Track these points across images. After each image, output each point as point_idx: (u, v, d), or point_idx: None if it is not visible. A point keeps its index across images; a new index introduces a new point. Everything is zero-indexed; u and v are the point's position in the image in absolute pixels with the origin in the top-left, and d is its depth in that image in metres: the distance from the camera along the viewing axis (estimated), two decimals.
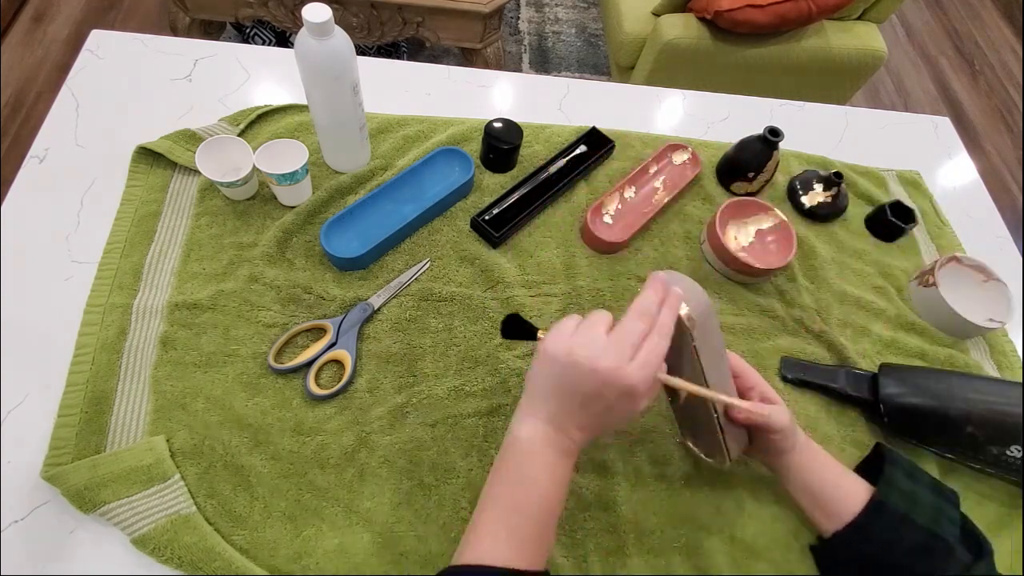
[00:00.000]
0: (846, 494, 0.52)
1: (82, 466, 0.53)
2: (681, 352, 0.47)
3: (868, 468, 0.55)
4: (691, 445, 0.59)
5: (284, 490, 0.56)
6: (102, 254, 0.66)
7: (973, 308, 0.73)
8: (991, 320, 0.73)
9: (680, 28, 1.54)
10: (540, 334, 0.48)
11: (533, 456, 0.43)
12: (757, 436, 0.54)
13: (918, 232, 0.86)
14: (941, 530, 0.49)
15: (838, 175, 0.80)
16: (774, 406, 0.52)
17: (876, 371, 0.67)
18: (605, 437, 0.44)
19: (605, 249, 0.74)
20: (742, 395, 0.54)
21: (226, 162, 0.69)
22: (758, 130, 0.80)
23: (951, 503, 0.52)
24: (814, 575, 0.57)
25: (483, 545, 0.42)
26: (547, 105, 0.90)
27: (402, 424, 0.61)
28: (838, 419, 0.67)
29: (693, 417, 0.56)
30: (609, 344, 0.42)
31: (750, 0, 1.43)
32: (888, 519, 0.49)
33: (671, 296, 0.44)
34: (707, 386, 0.48)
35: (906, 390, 0.63)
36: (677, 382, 0.45)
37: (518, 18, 2.27)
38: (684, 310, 0.44)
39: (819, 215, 0.82)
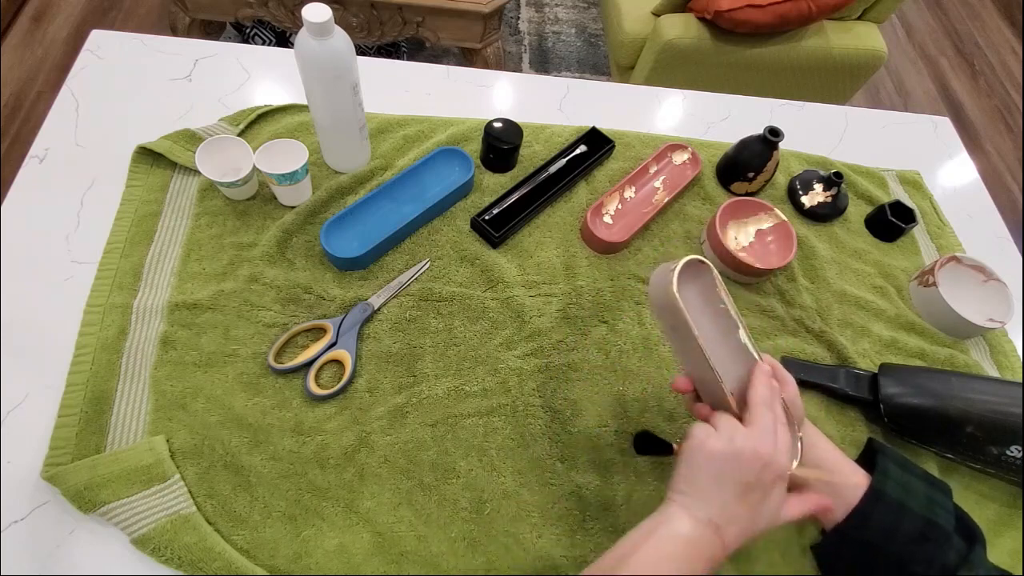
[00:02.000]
0: (849, 474, 0.52)
1: (82, 466, 0.53)
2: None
3: (862, 465, 0.55)
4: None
5: (284, 490, 0.56)
6: (102, 254, 0.66)
7: (973, 308, 0.73)
8: (991, 320, 0.73)
9: (680, 28, 1.54)
10: (676, 447, 0.50)
11: (688, 555, 0.43)
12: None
13: (918, 232, 0.86)
14: (938, 518, 0.49)
15: (838, 175, 0.80)
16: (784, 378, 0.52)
17: (876, 371, 0.67)
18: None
19: (605, 249, 0.74)
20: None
21: (226, 162, 0.69)
22: (758, 130, 0.80)
23: (944, 493, 0.53)
24: (814, 575, 0.57)
25: None
26: (547, 105, 0.90)
27: (402, 424, 0.61)
28: (838, 419, 0.67)
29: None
30: (757, 431, 0.45)
31: (750, 0, 1.43)
32: (886, 507, 0.50)
33: (786, 384, 0.50)
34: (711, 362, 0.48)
35: (906, 390, 0.63)
36: (805, 472, 0.49)
37: (518, 18, 2.27)
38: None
39: (819, 215, 0.82)
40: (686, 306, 0.46)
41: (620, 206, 0.79)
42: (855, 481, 0.51)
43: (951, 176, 0.95)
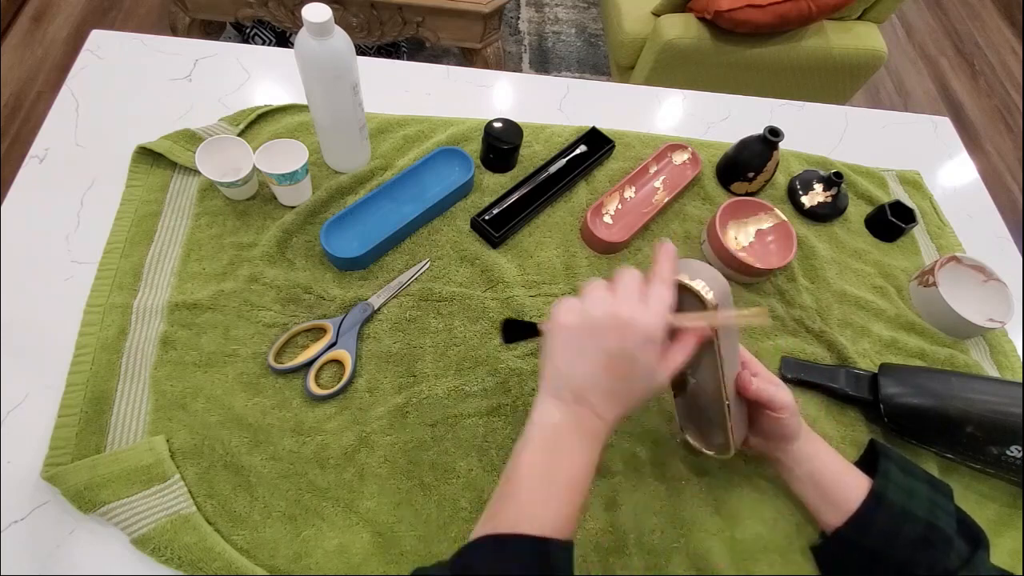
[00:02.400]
0: (849, 486, 0.52)
1: (82, 466, 0.53)
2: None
3: (864, 467, 0.55)
4: (691, 439, 0.59)
5: (284, 490, 0.56)
6: (102, 254, 0.66)
7: (973, 308, 0.73)
8: (991, 320, 0.73)
9: (680, 28, 1.54)
10: (541, 326, 0.48)
11: (562, 438, 0.42)
12: (763, 420, 0.53)
13: (918, 232, 0.86)
14: (939, 522, 0.49)
15: (838, 175, 0.80)
16: (780, 383, 0.53)
17: (876, 371, 0.67)
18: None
19: (605, 249, 0.74)
20: (747, 381, 0.53)
21: (226, 162, 0.69)
22: (758, 130, 0.80)
23: (945, 496, 0.52)
24: (814, 575, 0.57)
25: (514, 512, 0.40)
26: (547, 105, 0.90)
27: (402, 424, 0.61)
28: (838, 419, 0.67)
29: (697, 406, 0.56)
30: (618, 296, 0.42)
31: (750, 0, 1.43)
32: (887, 511, 0.49)
33: (664, 246, 0.45)
34: (723, 373, 0.48)
35: (906, 390, 0.63)
36: (688, 319, 0.44)
37: (518, 18, 2.27)
38: (708, 295, 0.44)
39: (819, 215, 0.82)
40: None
41: (620, 206, 0.79)
42: (855, 495, 0.51)
43: (951, 176, 0.95)
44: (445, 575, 0.38)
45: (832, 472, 0.53)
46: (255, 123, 0.78)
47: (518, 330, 0.50)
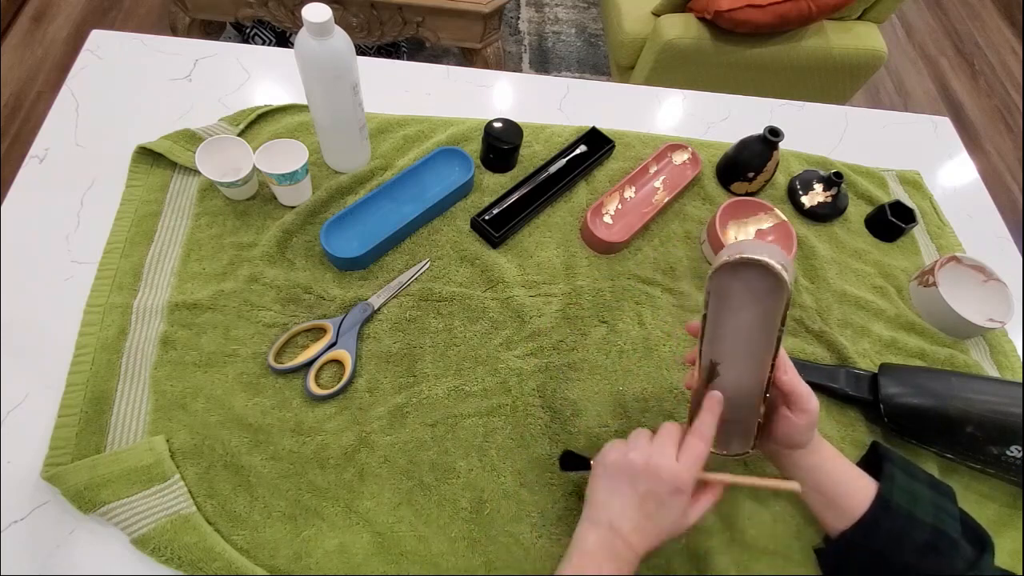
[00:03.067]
0: (855, 493, 0.52)
1: (82, 466, 0.53)
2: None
3: (866, 468, 0.55)
4: None
5: (284, 490, 0.56)
6: (102, 254, 0.66)
7: (973, 308, 0.73)
8: (991, 320, 0.73)
9: (680, 28, 1.54)
10: (593, 460, 0.53)
11: (595, 559, 0.46)
12: (778, 423, 0.52)
13: (918, 232, 0.86)
14: (944, 526, 0.49)
15: (838, 175, 0.80)
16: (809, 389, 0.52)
17: (876, 371, 0.67)
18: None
19: (605, 249, 0.74)
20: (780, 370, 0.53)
21: (226, 162, 0.69)
22: (758, 130, 0.80)
23: (949, 499, 0.52)
24: (814, 575, 0.57)
25: None
26: (547, 105, 0.90)
27: (402, 424, 0.61)
28: (838, 419, 0.67)
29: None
30: (655, 446, 0.48)
31: (750, 0, 1.43)
32: (893, 516, 0.49)
33: (712, 399, 0.50)
34: (777, 348, 0.48)
35: (906, 390, 0.63)
36: (716, 477, 0.49)
37: (518, 18, 2.27)
38: (786, 275, 0.45)
39: (819, 215, 0.82)
40: (734, 290, 0.46)
41: (620, 206, 0.79)
42: (861, 501, 0.50)
43: (951, 176, 0.95)
44: None
45: (837, 481, 0.53)
46: (255, 123, 0.78)
47: (574, 462, 0.54)
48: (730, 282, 0.47)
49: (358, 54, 0.67)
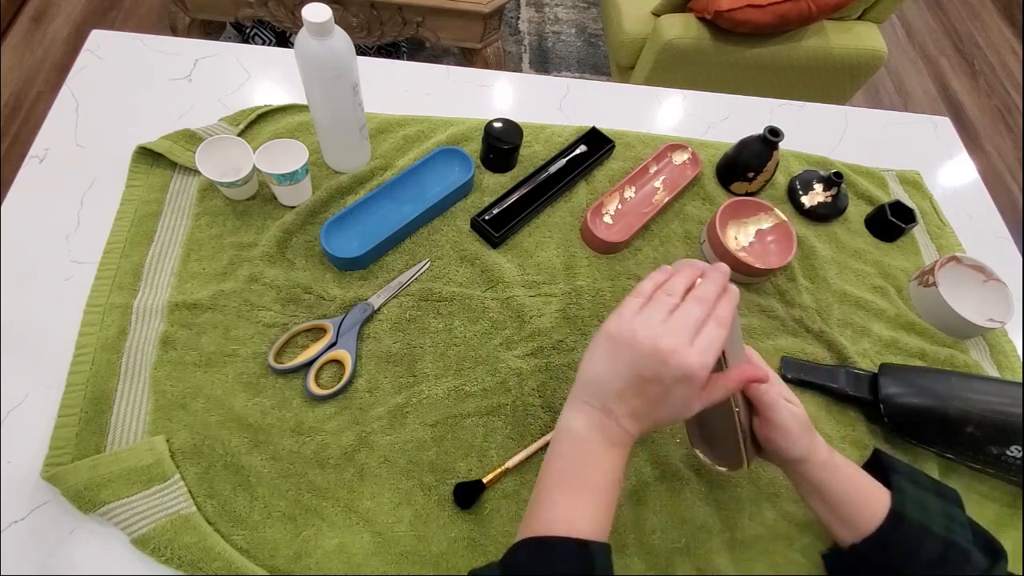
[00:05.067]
0: (867, 504, 0.50)
1: (82, 466, 0.53)
2: None
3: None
4: (701, 454, 0.57)
5: (284, 490, 0.56)
6: (102, 254, 0.66)
7: (973, 308, 0.73)
8: (991, 320, 0.73)
9: (680, 28, 1.54)
10: (485, 480, 0.55)
11: (587, 444, 0.42)
12: (765, 440, 0.52)
13: (918, 232, 0.86)
14: (956, 536, 0.48)
15: (838, 175, 0.80)
16: (771, 377, 0.50)
17: (876, 371, 0.67)
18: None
19: (605, 249, 0.74)
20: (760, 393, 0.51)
21: (226, 162, 0.69)
22: (758, 130, 0.80)
23: (957, 506, 0.52)
24: (815, 575, 0.57)
25: (549, 516, 0.41)
26: (547, 105, 0.90)
27: (402, 424, 0.61)
28: (838, 419, 0.67)
29: (708, 421, 0.55)
30: (670, 326, 0.41)
31: (750, 0, 1.43)
32: (906, 530, 0.48)
33: (730, 291, 0.44)
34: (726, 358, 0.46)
35: (906, 390, 0.63)
36: (736, 374, 0.45)
37: (518, 18, 2.27)
38: None
39: (819, 215, 0.82)
40: None
41: (620, 206, 0.79)
42: (872, 514, 0.49)
43: (951, 176, 0.95)
44: (496, 575, 0.40)
45: (847, 499, 0.51)
46: (255, 123, 0.78)
47: (468, 493, 0.56)
48: None
49: (358, 54, 0.67)
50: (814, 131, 0.94)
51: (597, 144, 0.83)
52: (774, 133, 0.77)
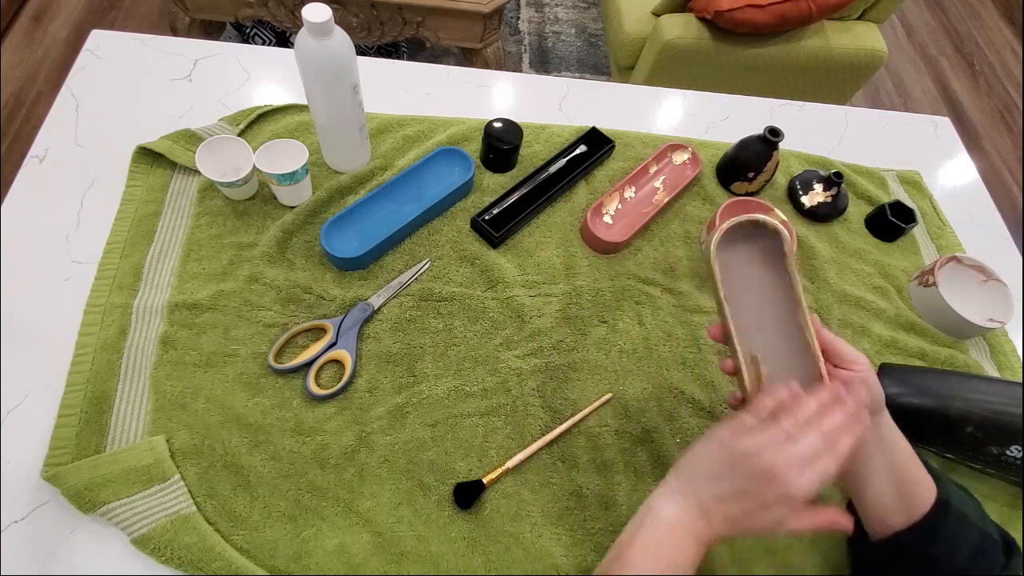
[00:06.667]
0: (922, 485, 0.48)
1: (82, 466, 0.53)
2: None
3: None
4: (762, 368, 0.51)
5: (284, 490, 0.56)
6: (102, 254, 0.66)
7: (973, 308, 0.73)
8: (991, 320, 0.73)
9: (680, 28, 1.54)
10: (485, 480, 0.57)
11: (675, 538, 0.43)
12: (854, 384, 0.47)
13: (918, 232, 0.86)
14: (989, 528, 0.48)
15: (838, 175, 0.80)
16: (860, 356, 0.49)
17: (876, 371, 0.67)
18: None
19: (605, 249, 0.74)
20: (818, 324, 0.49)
21: (226, 162, 0.69)
22: (758, 130, 0.80)
23: (977, 502, 0.51)
24: (817, 575, 0.57)
25: None
26: (547, 105, 0.90)
27: (402, 424, 0.61)
28: None
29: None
30: (788, 453, 0.41)
31: (750, 0, 1.43)
32: (953, 520, 0.47)
33: (856, 424, 0.43)
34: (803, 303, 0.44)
35: (906, 390, 0.63)
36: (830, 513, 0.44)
37: (518, 18, 2.27)
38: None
39: (819, 215, 0.82)
40: (733, 268, 0.43)
41: (620, 206, 0.79)
42: (925, 497, 0.48)
43: (951, 176, 0.95)
44: None
45: (910, 467, 0.49)
46: (255, 123, 0.78)
47: (467, 492, 0.56)
48: (731, 258, 0.45)
49: (358, 54, 0.67)
50: (814, 131, 0.94)
51: (597, 144, 0.83)
52: (774, 133, 0.77)
